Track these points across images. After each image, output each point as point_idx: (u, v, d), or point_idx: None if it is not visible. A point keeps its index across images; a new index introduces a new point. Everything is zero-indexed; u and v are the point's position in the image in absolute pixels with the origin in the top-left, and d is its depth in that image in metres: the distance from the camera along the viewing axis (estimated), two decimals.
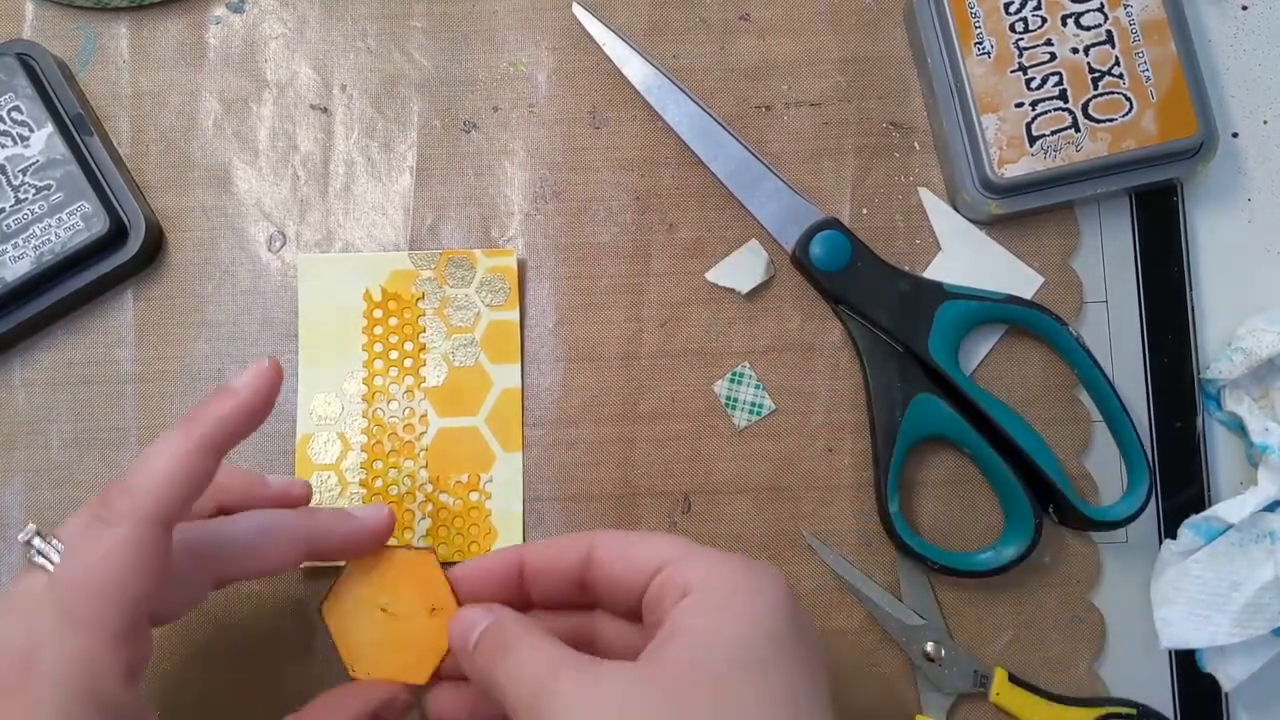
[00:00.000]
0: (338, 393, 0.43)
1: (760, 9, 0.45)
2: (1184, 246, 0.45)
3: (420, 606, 0.36)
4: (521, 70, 0.45)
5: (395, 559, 0.36)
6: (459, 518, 0.42)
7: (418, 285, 0.43)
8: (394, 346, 0.43)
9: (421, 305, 0.43)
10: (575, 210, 0.45)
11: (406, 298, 0.43)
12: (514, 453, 0.43)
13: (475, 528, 0.42)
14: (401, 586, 0.36)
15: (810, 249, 0.43)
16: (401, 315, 0.43)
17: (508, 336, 0.43)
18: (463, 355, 0.43)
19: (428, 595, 0.36)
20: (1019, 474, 0.41)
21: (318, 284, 0.43)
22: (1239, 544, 0.40)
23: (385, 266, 0.43)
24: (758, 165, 0.44)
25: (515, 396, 0.43)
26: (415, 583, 0.36)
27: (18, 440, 0.43)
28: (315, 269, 0.43)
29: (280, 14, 0.45)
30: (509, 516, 0.42)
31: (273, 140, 0.45)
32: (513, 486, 0.43)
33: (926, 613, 0.42)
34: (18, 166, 0.42)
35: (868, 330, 0.43)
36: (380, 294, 0.43)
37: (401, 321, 0.43)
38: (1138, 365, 0.44)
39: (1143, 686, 0.43)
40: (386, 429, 0.43)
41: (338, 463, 0.42)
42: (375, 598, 0.36)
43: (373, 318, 0.43)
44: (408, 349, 0.43)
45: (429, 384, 0.43)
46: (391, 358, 0.43)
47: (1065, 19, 0.42)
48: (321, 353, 0.43)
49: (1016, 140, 0.42)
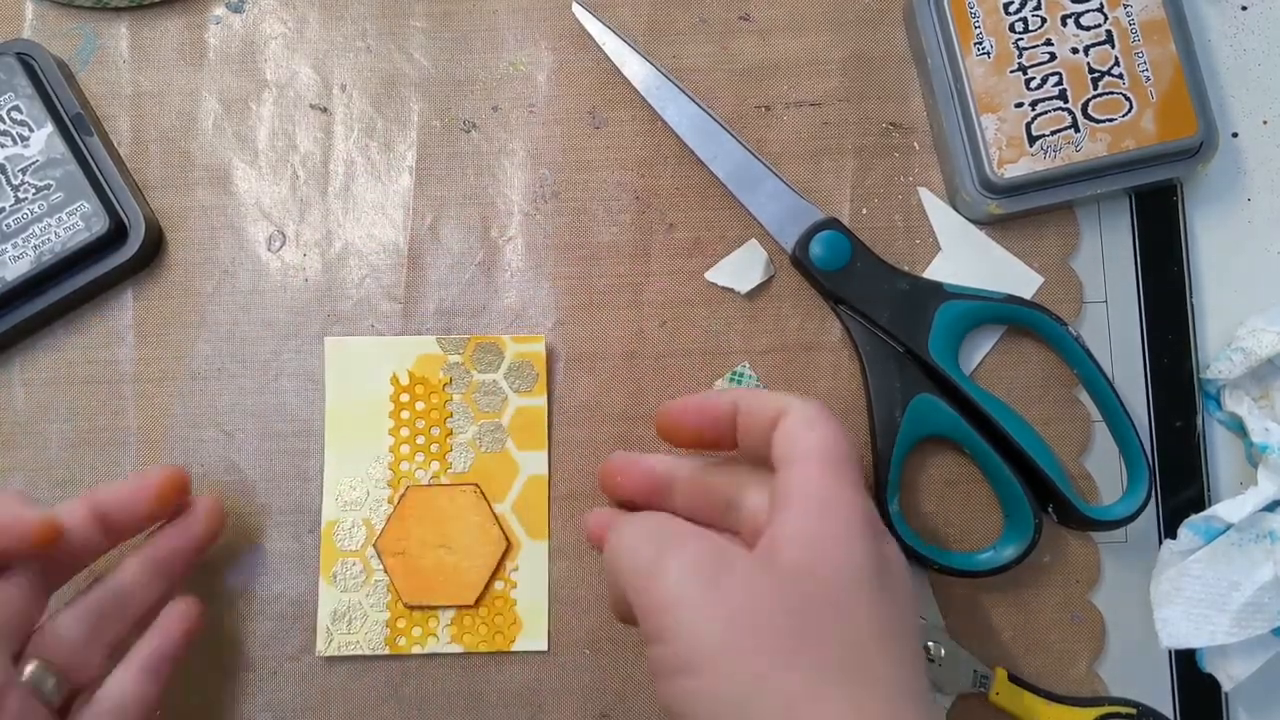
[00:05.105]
0: (363, 477, 0.42)
1: (760, 9, 0.45)
2: (1184, 246, 0.45)
3: (469, 538, 0.41)
4: (521, 70, 0.45)
5: (442, 496, 0.41)
6: (485, 606, 0.42)
7: (445, 370, 0.43)
8: (420, 431, 0.42)
9: (449, 390, 0.43)
10: (575, 210, 0.45)
11: (434, 382, 0.43)
12: (540, 541, 0.42)
13: (500, 617, 0.42)
14: (450, 521, 0.41)
15: (810, 249, 0.43)
16: (429, 400, 0.43)
17: (535, 423, 0.43)
18: (490, 441, 0.42)
19: (475, 527, 0.41)
20: (1019, 474, 0.41)
21: (345, 366, 0.43)
22: (1239, 544, 0.40)
23: (413, 350, 0.43)
24: (758, 165, 0.44)
25: (542, 484, 0.42)
26: (463, 517, 0.41)
27: (18, 440, 0.43)
28: (343, 352, 0.43)
29: (280, 14, 0.45)
30: (534, 608, 0.42)
31: (272, 140, 0.45)
32: (538, 577, 0.42)
33: (926, 613, 0.42)
34: (17, 166, 0.42)
35: (868, 330, 0.43)
36: (408, 378, 0.43)
37: (428, 406, 0.43)
38: (1138, 365, 0.44)
39: (1143, 686, 0.43)
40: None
41: (362, 549, 0.42)
42: (426, 535, 0.41)
43: (399, 402, 0.43)
44: (434, 434, 0.42)
45: (455, 469, 0.42)
46: (418, 443, 0.42)
47: (1065, 19, 0.42)
48: (348, 438, 0.43)
49: (1016, 140, 0.42)
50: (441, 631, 0.41)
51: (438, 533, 0.41)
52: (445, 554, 0.41)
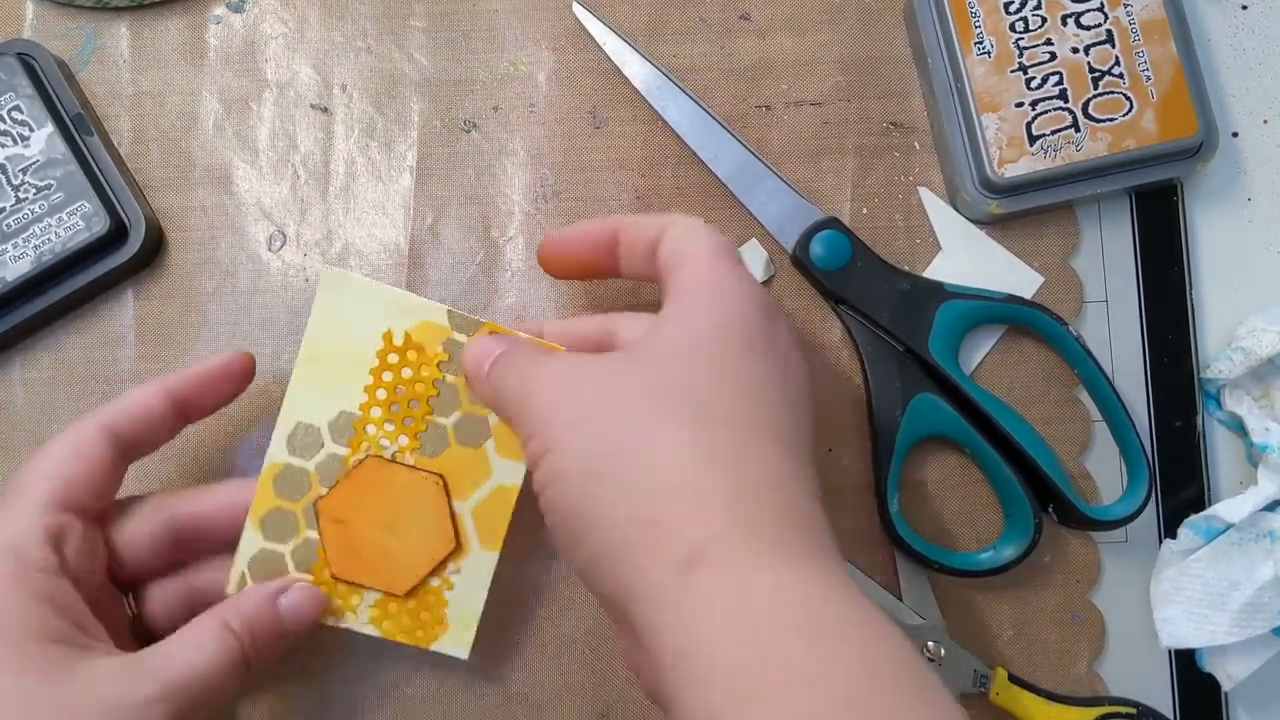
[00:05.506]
0: (325, 426, 0.38)
1: (760, 9, 0.45)
2: (1184, 246, 0.45)
3: (417, 527, 0.37)
4: (521, 70, 0.45)
5: (402, 476, 0.38)
6: (415, 599, 0.38)
7: (445, 345, 0.38)
8: (399, 400, 0.38)
9: (443, 369, 0.38)
10: (575, 210, 0.45)
11: (430, 354, 0.38)
12: (491, 552, 0.38)
13: (428, 614, 0.38)
14: (402, 504, 0.38)
15: (810, 248, 0.43)
16: (418, 370, 0.38)
17: None
18: (469, 434, 0.38)
19: (427, 517, 0.37)
20: (1019, 474, 0.41)
21: (338, 304, 0.38)
22: (1239, 544, 0.40)
23: (417, 313, 0.38)
24: (758, 165, 0.44)
25: (510, 497, 0.38)
26: (418, 505, 0.38)
27: (18, 440, 0.43)
28: (341, 287, 0.38)
29: (280, 14, 0.45)
30: (465, 615, 0.38)
31: (273, 140, 0.45)
32: (478, 586, 0.38)
33: (926, 613, 0.42)
34: (18, 166, 0.42)
35: (868, 330, 0.43)
36: (403, 339, 0.38)
37: (415, 376, 0.38)
38: (1138, 365, 0.44)
39: (1143, 686, 0.43)
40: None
41: (299, 502, 0.38)
42: (374, 511, 0.38)
43: (385, 361, 0.38)
44: (413, 408, 0.38)
45: (424, 452, 0.38)
46: (393, 411, 0.38)
47: (1065, 19, 0.42)
48: (319, 380, 0.38)
49: (1016, 140, 0.42)
50: (362, 610, 0.38)
51: (386, 512, 0.38)
52: (388, 536, 0.38)
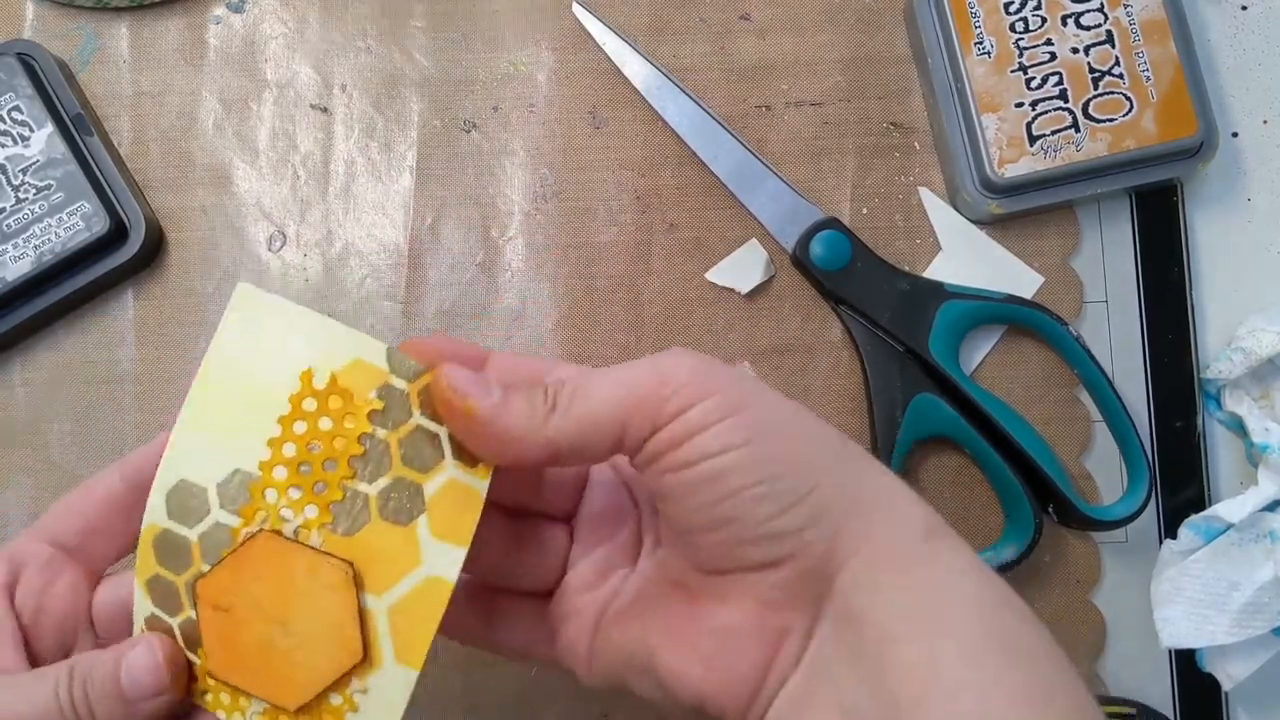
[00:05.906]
0: (212, 486, 0.29)
1: (760, 9, 0.45)
2: (1184, 246, 0.45)
3: (315, 627, 0.28)
4: (521, 70, 0.45)
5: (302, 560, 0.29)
6: (308, 716, 0.29)
7: (380, 393, 0.29)
8: (312, 459, 0.29)
9: (373, 421, 0.29)
10: (575, 210, 0.45)
11: (359, 402, 0.29)
12: (408, 668, 0.28)
13: None
14: (300, 598, 0.29)
15: (810, 249, 0.43)
16: (340, 422, 0.29)
17: (465, 508, 0.29)
18: (399, 507, 0.29)
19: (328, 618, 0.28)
20: (1019, 474, 0.41)
21: (250, 329, 0.29)
22: (1239, 544, 0.40)
23: (349, 350, 0.29)
24: (758, 165, 0.44)
25: (443, 594, 0.28)
26: (317, 599, 0.28)
27: (18, 440, 0.43)
28: (254, 306, 0.29)
29: (280, 14, 0.45)
30: None
31: (273, 140, 0.45)
32: (388, 710, 0.29)
33: None
34: (18, 166, 0.42)
35: (868, 330, 0.43)
36: (326, 380, 0.29)
37: (336, 430, 0.29)
38: (1138, 365, 0.44)
39: (1143, 686, 0.43)
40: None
41: (182, 576, 0.30)
42: (264, 601, 0.29)
43: (300, 409, 0.29)
44: (328, 470, 0.29)
45: (335, 528, 0.29)
46: (302, 472, 0.29)
47: (1065, 19, 0.42)
48: (213, 424, 0.29)
49: (1016, 140, 0.42)
50: (251, 715, 0.30)
51: (279, 604, 0.29)
52: (279, 635, 0.29)
